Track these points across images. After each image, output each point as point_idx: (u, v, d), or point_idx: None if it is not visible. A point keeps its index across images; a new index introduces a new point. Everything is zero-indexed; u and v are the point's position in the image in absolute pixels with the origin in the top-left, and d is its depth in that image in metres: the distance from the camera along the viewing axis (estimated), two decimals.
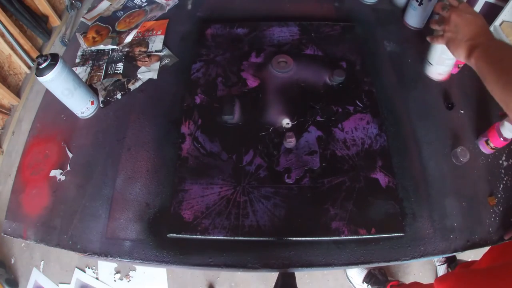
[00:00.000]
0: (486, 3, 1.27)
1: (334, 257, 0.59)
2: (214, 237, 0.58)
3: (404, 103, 0.74)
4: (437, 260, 1.23)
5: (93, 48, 0.84)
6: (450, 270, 1.17)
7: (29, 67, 1.80)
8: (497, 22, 1.49)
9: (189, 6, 0.93)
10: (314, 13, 0.90)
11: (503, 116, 0.67)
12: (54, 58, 0.62)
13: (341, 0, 0.93)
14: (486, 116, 0.73)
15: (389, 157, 0.65)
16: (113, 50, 0.84)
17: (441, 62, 0.72)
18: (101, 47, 0.83)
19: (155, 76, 0.78)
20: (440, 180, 0.65)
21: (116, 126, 0.73)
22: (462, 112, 0.73)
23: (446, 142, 0.69)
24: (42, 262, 1.34)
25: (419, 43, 0.82)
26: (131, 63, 0.81)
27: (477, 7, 1.30)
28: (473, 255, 1.17)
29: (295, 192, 0.61)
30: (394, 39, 0.84)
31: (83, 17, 0.93)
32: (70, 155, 0.70)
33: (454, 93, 0.76)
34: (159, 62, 0.80)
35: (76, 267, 1.32)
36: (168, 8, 0.90)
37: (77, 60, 0.84)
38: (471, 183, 0.65)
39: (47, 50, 1.90)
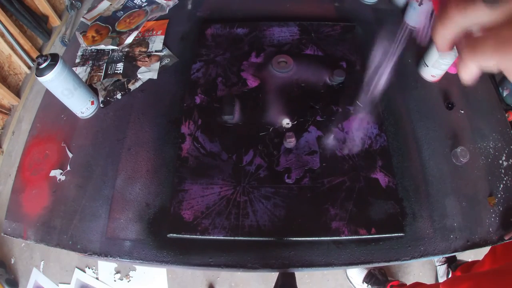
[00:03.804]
0: None
1: (334, 257, 0.59)
2: (214, 237, 0.58)
3: (404, 103, 0.74)
4: (437, 260, 1.23)
5: (93, 48, 0.84)
6: (450, 270, 1.17)
7: (29, 67, 1.80)
8: None
9: (189, 6, 0.93)
10: (314, 13, 0.90)
11: None
12: (54, 58, 0.62)
13: (341, 0, 0.93)
14: (486, 116, 0.73)
15: (389, 157, 0.65)
16: (113, 50, 0.84)
17: (437, 66, 0.72)
18: (102, 47, 0.83)
19: (155, 76, 0.78)
20: (440, 180, 0.65)
21: (116, 126, 0.73)
22: (462, 112, 0.73)
23: (446, 142, 0.69)
24: (42, 262, 1.34)
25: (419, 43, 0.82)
26: (131, 63, 0.81)
27: None
28: (473, 255, 1.17)
29: (295, 192, 0.61)
30: (394, 39, 0.84)
31: (83, 17, 0.93)
32: (70, 155, 0.70)
33: (454, 93, 0.76)
34: (159, 62, 0.80)
35: (76, 267, 1.32)
36: (168, 8, 0.90)
37: (77, 60, 0.84)
38: (471, 183, 0.65)
39: (47, 50, 1.90)
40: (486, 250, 0.73)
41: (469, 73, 0.24)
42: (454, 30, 0.24)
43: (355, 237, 0.58)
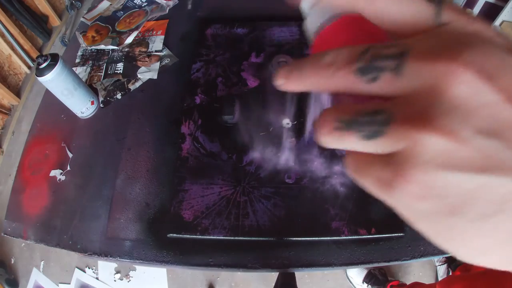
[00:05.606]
0: (486, 3, 1.27)
1: (334, 257, 0.59)
2: (214, 237, 0.58)
3: None
4: (437, 260, 1.23)
5: (93, 48, 0.84)
6: (450, 270, 1.17)
7: (29, 67, 1.80)
8: (497, 22, 1.49)
9: (189, 6, 0.93)
10: None
11: None
12: (54, 58, 0.62)
13: None
14: None
15: None
16: (113, 50, 0.84)
17: None
18: (102, 47, 0.83)
19: (155, 76, 0.78)
20: None
21: (116, 126, 0.73)
22: None
23: None
24: (42, 262, 1.34)
25: None
26: (131, 63, 0.81)
27: (477, 7, 1.30)
28: None
29: (295, 192, 0.61)
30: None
31: (83, 17, 0.93)
32: (70, 155, 0.70)
33: None
34: (159, 62, 0.80)
35: (76, 267, 1.32)
36: (168, 8, 0.91)
37: (77, 60, 0.84)
38: None
39: (47, 50, 1.90)
40: None
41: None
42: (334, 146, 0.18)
43: (355, 237, 0.58)
